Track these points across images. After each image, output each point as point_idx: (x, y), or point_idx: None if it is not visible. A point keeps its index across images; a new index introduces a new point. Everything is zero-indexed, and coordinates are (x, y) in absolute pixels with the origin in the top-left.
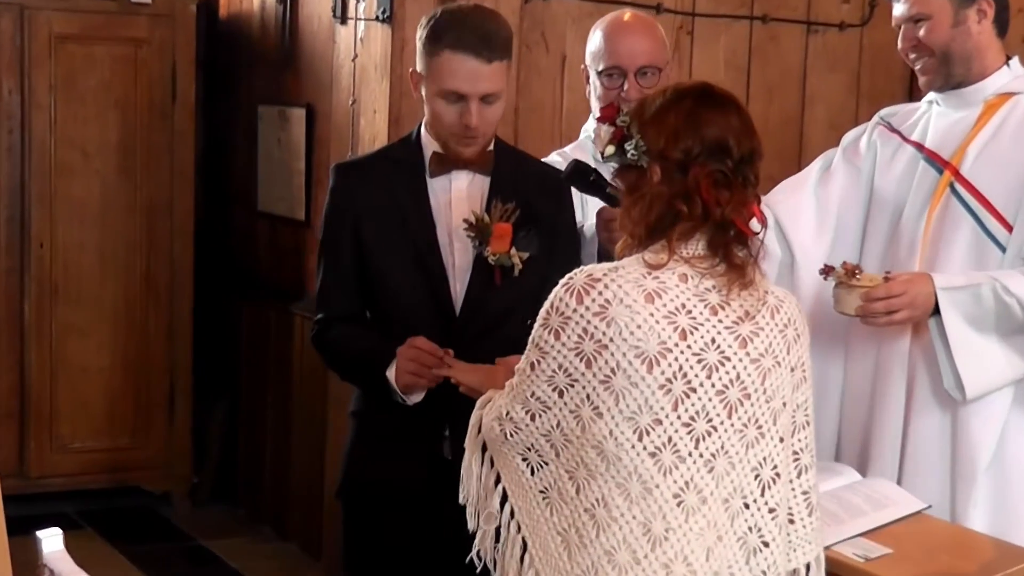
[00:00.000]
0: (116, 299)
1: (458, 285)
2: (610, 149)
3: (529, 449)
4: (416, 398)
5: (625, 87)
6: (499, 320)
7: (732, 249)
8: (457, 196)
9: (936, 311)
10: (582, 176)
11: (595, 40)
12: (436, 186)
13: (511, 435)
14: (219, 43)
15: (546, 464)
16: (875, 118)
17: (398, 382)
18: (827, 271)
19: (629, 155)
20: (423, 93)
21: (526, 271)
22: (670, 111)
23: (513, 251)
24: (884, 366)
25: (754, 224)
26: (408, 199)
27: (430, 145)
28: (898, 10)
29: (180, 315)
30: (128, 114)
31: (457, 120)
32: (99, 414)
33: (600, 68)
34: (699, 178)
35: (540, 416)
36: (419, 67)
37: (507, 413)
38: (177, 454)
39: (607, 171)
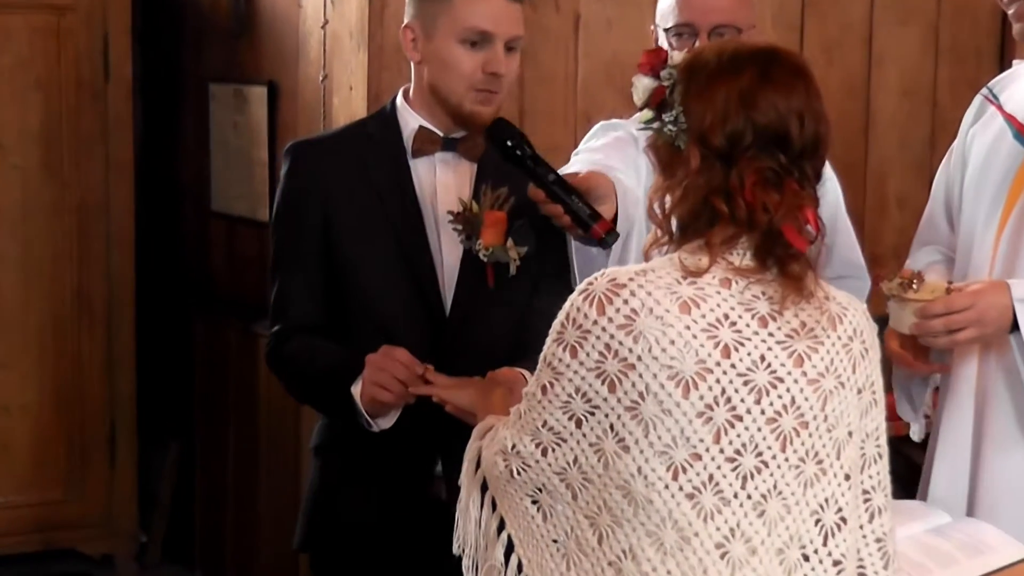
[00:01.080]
0: (42, 321)
1: (447, 287)
2: (647, 114)
3: (540, 490)
4: (384, 423)
5: None
6: (494, 329)
7: (785, 260)
8: (443, 182)
9: (1015, 327)
10: (499, 135)
11: None
12: (419, 169)
13: (518, 473)
14: (160, 9)
15: (561, 508)
16: (982, 90)
17: (363, 396)
18: (878, 280)
19: (666, 130)
20: (424, 49)
21: (523, 271)
22: (722, 83)
23: (509, 243)
24: (950, 390)
25: (809, 232)
26: (387, 183)
27: (411, 120)
28: None
29: (120, 339)
30: (51, 97)
31: (478, 69)
32: (23, 462)
33: (669, 25)
34: (744, 175)
35: (553, 450)
36: (418, 17)
37: (513, 446)
38: (120, 508)
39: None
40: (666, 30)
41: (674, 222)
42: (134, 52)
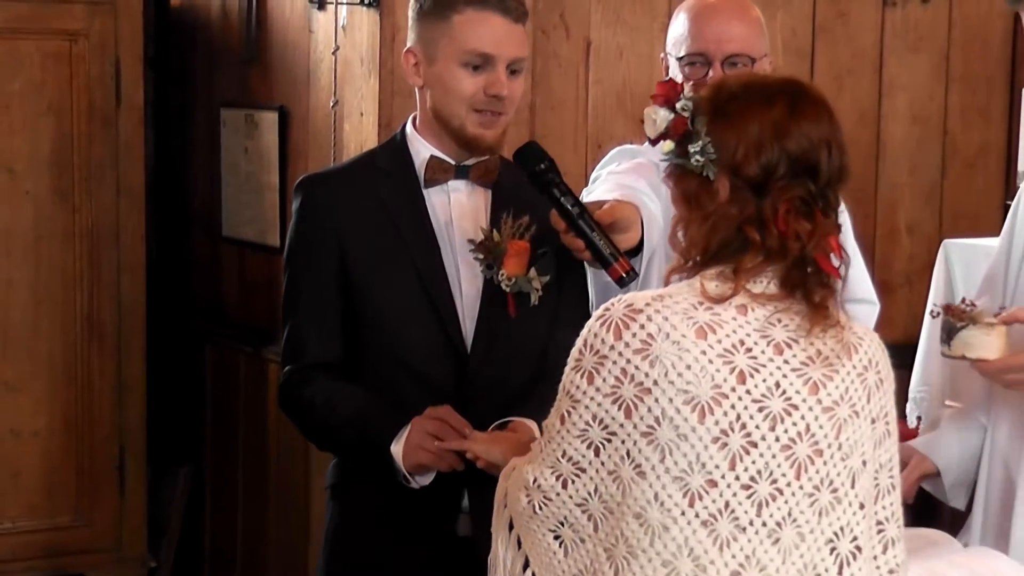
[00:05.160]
0: (52, 346)
1: (467, 319)
2: (668, 145)
3: (562, 524)
4: (425, 480)
5: (709, 78)
6: (514, 362)
7: (811, 288)
8: (459, 211)
9: None
10: (529, 160)
11: (679, 23)
12: (433, 199)
13: (540, 507)
14: (172, 35)
15: (582, 541)
16: None
17: (407, 460)
18: (954, 312)
19: (693, 161)
20: (426, 73)
21: (543, 299)
22: (754, 114)
23: (532, 273)
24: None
25: (835, 259)
26: (403, 214)
27: (422, 148)
28: None
29: (130, 364)
30: (63, 122)
31: (480, 91)
32: (33, 487)
33: (681, 54)
34: (776, 204)
35: (573, 481)
36: (419, 41)
37: (534, 480)
38: (129, 534)
39: (656, 170)
40: (678, 59)
41: (696, 250)
42: (146, 78)
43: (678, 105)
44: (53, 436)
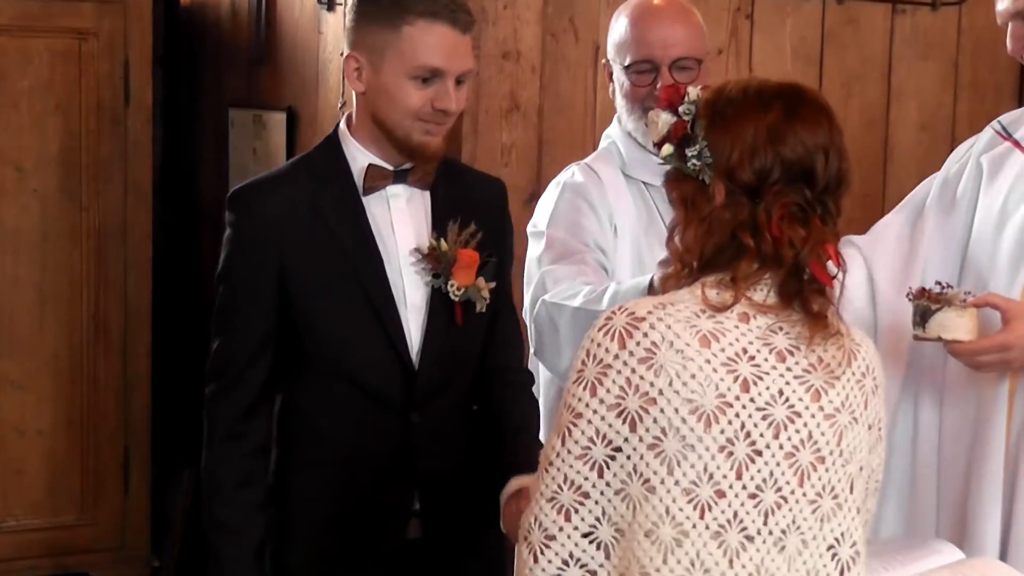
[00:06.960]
0: (58, 345)
1: (412, 328)
2: (668, 148)
3: (567, 563)
4: None
5: (658, 84)
6: (458, 367)
7: (808, 298)
8: (399, 217)
9: None
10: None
11: (619, 28)
12: (373, 206)
13: (542, 551)
14: (181, 34)
15: (593, 574)
16: (992, 124)
17: None
18: (929, 295)
19: (690, 164)
20: (370, 80)
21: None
22: (749, 120)
23: (481, 282)
24: (983, 414)
25: (831, 268)
26: (343, 225)
27: (359, 155)
28: (1003, 4)
29: (136, 363)
30: (71, 121)
31: (428, 104)
32: (38, 485)
33: (628, 62)
34: (771, 209)
35: (577, 510)
36: (363, 47)
37: (534, 520)
38: (133, 533)
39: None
40: (625, 67)
41: (691, 255)
42: (155, 77)
43: (680, 109)
44: (58, 434)
